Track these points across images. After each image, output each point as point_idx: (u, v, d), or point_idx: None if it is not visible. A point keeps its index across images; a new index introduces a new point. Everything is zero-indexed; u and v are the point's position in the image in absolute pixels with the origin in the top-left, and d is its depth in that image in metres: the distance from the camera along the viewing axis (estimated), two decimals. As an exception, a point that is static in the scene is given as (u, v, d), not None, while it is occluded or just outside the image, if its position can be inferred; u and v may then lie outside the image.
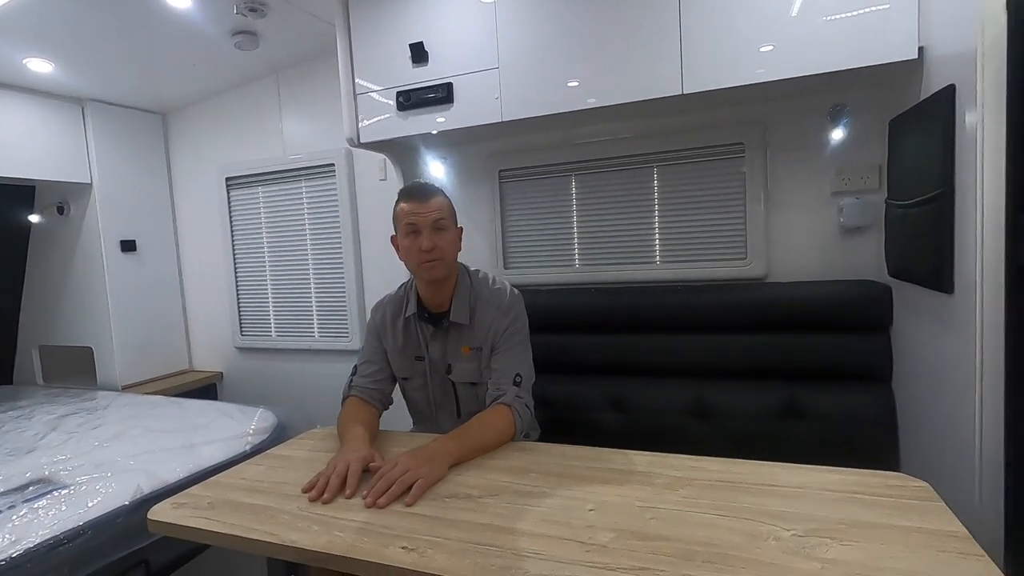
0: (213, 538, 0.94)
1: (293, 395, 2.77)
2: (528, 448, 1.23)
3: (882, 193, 1.61)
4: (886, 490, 0.93)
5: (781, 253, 1.78)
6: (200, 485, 1.12)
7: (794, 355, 1.63)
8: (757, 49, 1.42)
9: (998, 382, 1.00)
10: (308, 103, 2.59)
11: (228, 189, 2.83)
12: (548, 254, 2.09)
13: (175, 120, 2.96)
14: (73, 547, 1.27)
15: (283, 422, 2.00)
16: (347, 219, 2.54)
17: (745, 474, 1.02)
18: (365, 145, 1.96)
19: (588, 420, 1.76)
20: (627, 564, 0.76)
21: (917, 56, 1.29)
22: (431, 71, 1.78)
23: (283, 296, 2.78)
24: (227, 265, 2.88)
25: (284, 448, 1.32)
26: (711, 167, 1.84)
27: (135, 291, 2.83)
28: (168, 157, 3.00)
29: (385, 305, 1.49)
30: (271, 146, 2.70)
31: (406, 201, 1.34)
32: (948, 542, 0.77)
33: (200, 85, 2.72)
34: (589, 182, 2.00)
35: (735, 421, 1.62)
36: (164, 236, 2.98)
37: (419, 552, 0.82)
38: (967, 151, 1.06)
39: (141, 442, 1.80)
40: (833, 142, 1.70)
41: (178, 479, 1.54)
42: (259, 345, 2.86)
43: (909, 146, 1.38)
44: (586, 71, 1.60)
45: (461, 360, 1.40)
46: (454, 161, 2.20)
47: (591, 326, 1.85)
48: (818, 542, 0.79)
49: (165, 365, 2.98)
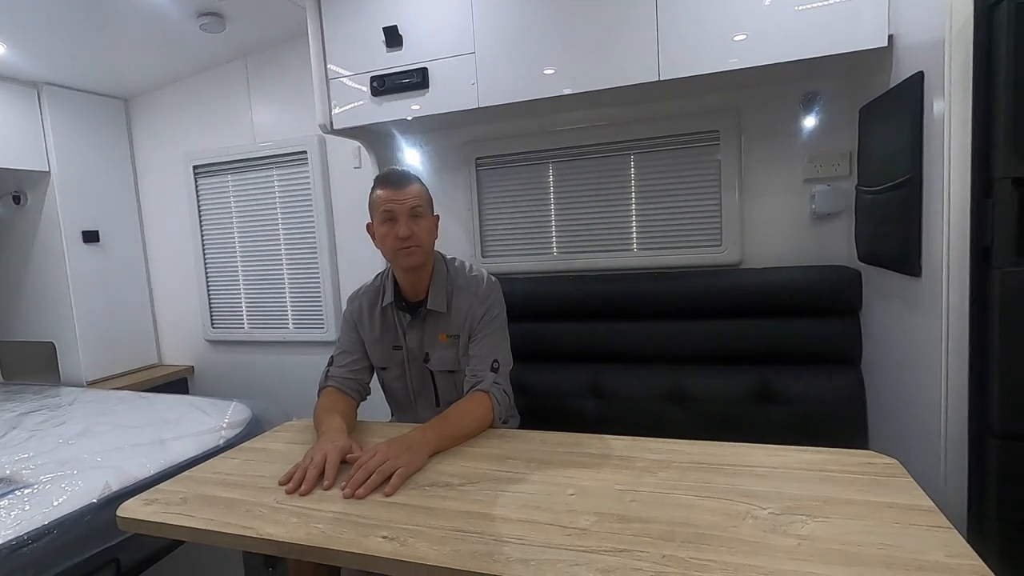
0: (187, 534, 0.91)
1: (268, 388, 2.72)
2: (508, 435, 1.23)
3: (852, 180, 1.64)
4: (857, 467, 0.96)
5: (755, 239, 1.81)
6: (172, 480, 1.09)
7: (767, 340, 1.66)
8: (731, 38, 1.43)
9: (963, 361, 1.03)
10: (278, 88, 2.52)
11: (196, 177, 2.74)
12: (526, 242, 2.08)
13: (138, 106, 2.85)
14: (39, 547, 1.22)
15: (258, 415, 1.96)
16: (321, 208, 2.49)
17: (722, 456, 1.04)
18: (338, 132, 1.91)
19: (567, 407, 1.77)
20: (608, 546, 0.77)
21: (887, 44, 1.31)
22: (406, 55, 1.75)
23: (256, 287, 2.72)
24: (196, 256, 2.80)
25: (259, 441, 1.30)
26: (687, 155, 1.86)
27: (99, 283, 2.73)
28: (131, 144, 2.89)
29: (361, 295, 1.47)
30: (240, 133, 2.62)
31: (382, 188, 1.33)
32: (917, 516, 0.80)
33: (164, 69, 2.62)
34: (566, 170, 2.00)
35: (711, 405, 1.65)
36: (129, 226, 2.88)
37: (400, 541, 0.81)
38: (935, 137, 1.09)
39: (108, 438, 1.75)
40: (805, 130, 1.72)
41: (149, 475, 1.50)
42: (231, 338, 2.79)
43: (878, 133, 1.41)
44: (564, 56, 1.59)
45: (439, 348, 1.39)
46: (430, 148, 2.17)
47: (569, 314, 1.85)
48: (794, 519, 0.81)
49: (132, 360, 2.89)
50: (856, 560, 0.70)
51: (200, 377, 2.93)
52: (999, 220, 0.98)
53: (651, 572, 0.70)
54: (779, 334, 1.65)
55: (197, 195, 2.76)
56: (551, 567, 0.73)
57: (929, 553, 0.71)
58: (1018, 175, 0.97)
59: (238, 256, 2.73)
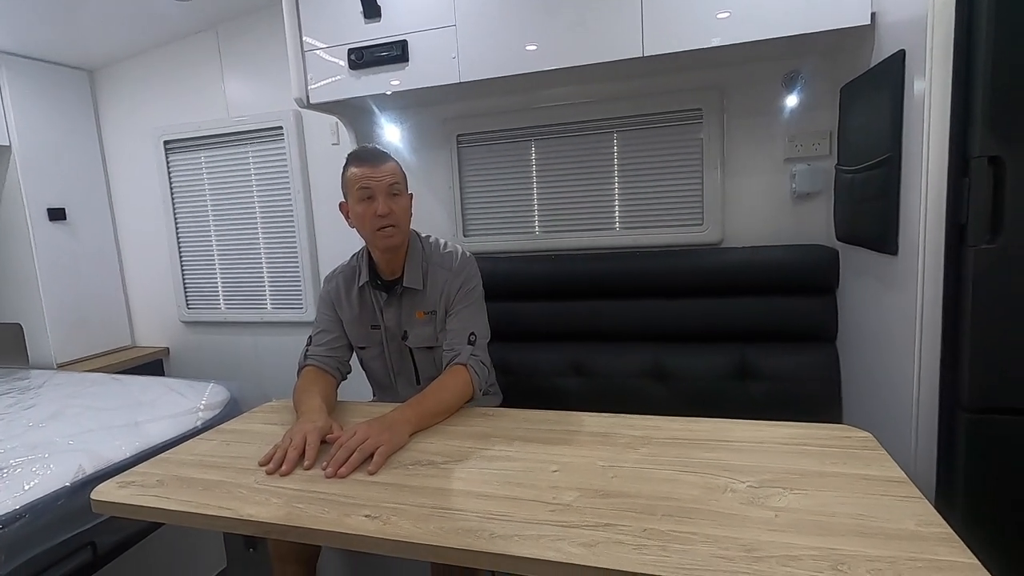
0: (164, 516, 0.90)
1: (246, 370, 2.68)
2: (491, 413, 1.23)
3: (832, 159, 1.65)
4: (833, 441, 0.98)
5: (736, 219, 1.82)
6: (148, 462, 1.07)
7: (746, 318, 1.68)
8: (715, 15, 1.42)
9: (936, 337, 1.05)
10: (252, 61, 2.43)
11: (167, 153, 2.65)
12: (508, 221, 2.06)
13: (104, 78, 2.73)
14: (9, 532, 1.20)
15: (236, 397, 1.93)
16: (298, 185, 2.43)
17: (702, 431, 1.06)
18: (315, 106, 1.86)
19: (550, 385, 1.78)
20: (591, 521, 0.77)
21: (870, 22, 1.31)
22: (384, 27, 1.69)
23: (232, 267, 2.66)
24: (169, 235, 2.72)
25: (237, 422, 1.28)
26: (670, 133, 1.85)
27: (67, 263, 2.64)
28: (98, 118, 2.77)
29: (337, 275, 1.46)
30: (213, 107, 2.54)
31: (357, 165, 1.30)
32: (890, 487, 0.82)
33: (131, 40, 2.50)
34: (549, 147, 1.98)
35: (691, 382, 1.67)
36: (97, 204, 2.78)
37: (383, 520, 0.81)
38: (914, 116, 1.09)
39: (81, 421, 1.71)
40: (787, 109, 1.73)
41: (124, 458, 1.47)
42: (207, 319, 2.74)
43: (859, 112, 1.42)
44: (547, 31, 1.55)
45: (416, 325, 1.38)
46: (410, 125, 2.13)
47: (552, 293, 1.85)
48: (771, 492, 0.82)
49: (105, 341, 2.81)
50: (831, 530, 0.72)
51: (176, 359, 2.88)
52: (974, 199, 1.00)
53: (632, 546, 0.71)
54: (758, 312, 1.67)
55: (169, 172, 2.67)
56: (534, 543, 0.73)
57: (901, 522, 0.73)
58: (993, 154, 0.98)
59: (213, 235, 2.66)
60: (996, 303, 0.99)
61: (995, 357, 1.00)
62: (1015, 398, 1.00)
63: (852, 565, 0.65)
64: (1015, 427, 1.00)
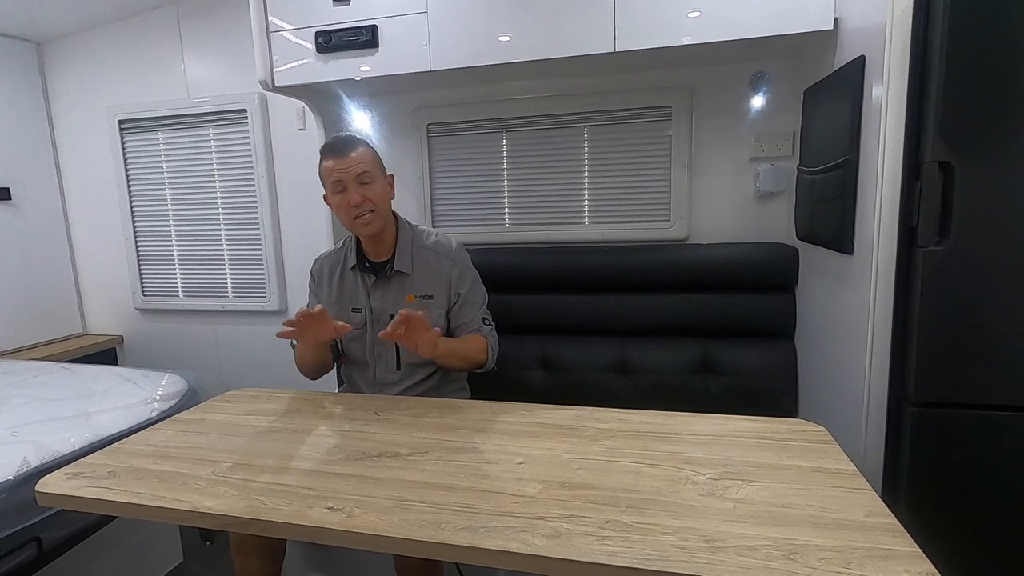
0: (117, 508, 0.87)
1: (205, 360, 2.60)
2: (457, 406, 1.23)
3: (795, 160, 1.70)
4: (790, 435, 1.01)
5: (702, 216, 1.85)
6: (98, 453, 1.03)
7: (709, 314, 1.72)
8: (686, 14, 1.43)
9: (886, 334, 1.10)
10: (214, 40, 2.34)
11: (122, 133, 2.53)
12: (477, 213, 2.05)
13: (54, 51, 2.59)
14: (-53, 528, 1.14)
15: (194, 387, 1.86)
16: (262, 170, 2.36)
17: (665, 425, 1.08)
18: (280, 90, 1.80)
19: (516, 378, 1.79)
20: (555, 513, 0.78)
21: (832, 27, 1.35)
22: (354, 11, 1.65)
23: (191, 253, 2.57)
24: (124, 218, 2.61)
25: (195, 412, 1.25)
26: (639, 129, 1.87)
27: (11, 245, 2.50)
28: (46, 93, 2.63)
29: (324, 258, 1.52)
30: (172, 87, 2.43)
31: (327, 158, 1.34)
32: (840, 479, 0.86)
33: (83, 11, 2.37)
34: (520, 140, 1.97)
35: (654, 376, 1.70)
36: (45, 183, 2.64)
37: (346, 512, 0.80)
38: (872, 121, 1.13)
39: (26, 412, 1.63)
40: (753, 109, 1.76)
41: (73, 450, 1.41)
42: (164, 306, 2.64)
43: (820, 115, 1.46)
44: (520, 23, 1.54)
45: (406, 308, 1.37)
46: (380, 112, 2.09)
47: (520, 286, 1.85)
48: (730, 484, 0.85)
49: (54, 329, 2.69)
50: (785, 520, 0.75)
51: (130, 348, 2.77)
52: (925, 202, 1.04)
53: (596, 537, 0.72)
54: (720, 308, 1.71)
55: (124, 152, 2.56)
56: (499, 534, 0.73)
57: (850, 513, 0.76)
58: (944, 159, 1.02)
59: (171, 219, 2.56)
60: (943, 302, 1.04)
61: (941, 354, 1.05)
62: (959, 393, 1.05)
63: (804, 554, 0.68)
64: (958, 421, 1.05)
